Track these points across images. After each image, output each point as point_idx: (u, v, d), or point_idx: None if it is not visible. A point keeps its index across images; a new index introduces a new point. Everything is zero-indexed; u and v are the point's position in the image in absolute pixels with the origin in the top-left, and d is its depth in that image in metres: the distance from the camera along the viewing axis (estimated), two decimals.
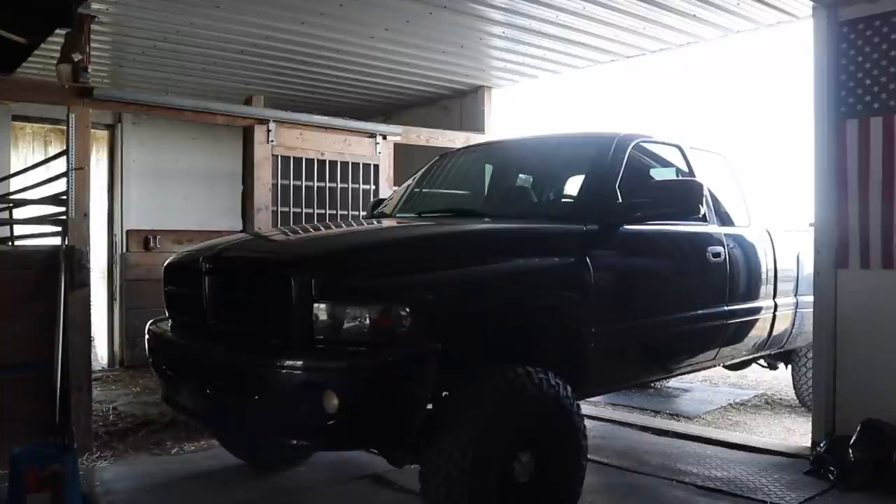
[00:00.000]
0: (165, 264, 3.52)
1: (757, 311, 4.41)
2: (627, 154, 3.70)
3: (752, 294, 4.39)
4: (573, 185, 4.04)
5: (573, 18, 5.00)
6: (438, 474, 2.60)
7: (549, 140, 4.51)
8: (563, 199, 4.07)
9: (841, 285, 4.03)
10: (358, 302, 2.57)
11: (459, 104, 7.12)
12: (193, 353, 3.12)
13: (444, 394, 2.75)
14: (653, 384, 6.17)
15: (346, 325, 2.55)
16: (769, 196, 4.99)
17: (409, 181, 4.61)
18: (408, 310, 2.55)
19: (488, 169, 4.64)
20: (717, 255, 4.04)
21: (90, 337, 4.40)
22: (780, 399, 5.80)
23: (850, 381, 3.97)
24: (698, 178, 3.84)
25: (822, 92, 4.07)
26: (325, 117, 5.47)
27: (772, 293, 4.57)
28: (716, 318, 4.04)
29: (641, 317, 3.54)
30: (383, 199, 4.74)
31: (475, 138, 6.48)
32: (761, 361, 5.43)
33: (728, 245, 4.13)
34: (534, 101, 7.34)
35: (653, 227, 3.61)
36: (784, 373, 6.69)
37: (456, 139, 6.32)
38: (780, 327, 4.66)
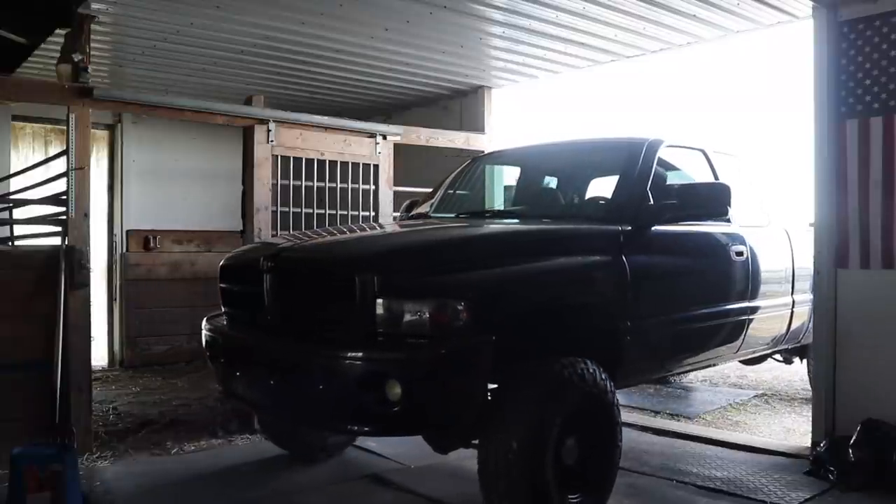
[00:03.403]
0: (221, 264, 3.70)
1: (776, 307, 4.61)
2: (656, 158, 3.88)
3: (772, 291, 4.58)
4: (604, 188, 4.20)
5: (573, 18, 4.99)
6: (500, 458, 2.78)
7: (580, 144, 4.75)
8: (596, 201, 4.21)
9: (841, 285, 4.03)
10: (418, 297, 2.73)
11: (459, 104, 7.11)
12: (257, 347, 3.27)
13: (494, 384, 2.92)
14: (657, 382, 6.21)
15: (406, 319, 2.72)
16: (784, 196, 5.18)
17: (444, 183, 4.82)
18: (464, 304, 2.71)
19: (519, 172, 4.89)
20: (739, 253, 4.24)
21: (90, 337, 4.40)
22: (780, 399, 5.80)
23: (850, 381, 3.97)
24: (724, 181, 3.96)
25: (822, 92, 4.07)
26: (325, 117, 5.46)
27: (790, 290, 4.76)
28: (739, 314, 4.24)
29: (671, 312, 3.73)
30: (417, 201, 4.93)
31: (475, 138, 6.49)
32: (777, 356, 5.58)
33: (750, 244, 4.33)
34: (534, 101, 7.33)
35: (681, 227, 3.80)
36: (784, 373, 6.74)
37: (456, 139, 6.32)
38: (797, 323, 4.82)
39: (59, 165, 4.42)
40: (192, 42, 5.33)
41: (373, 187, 5.56)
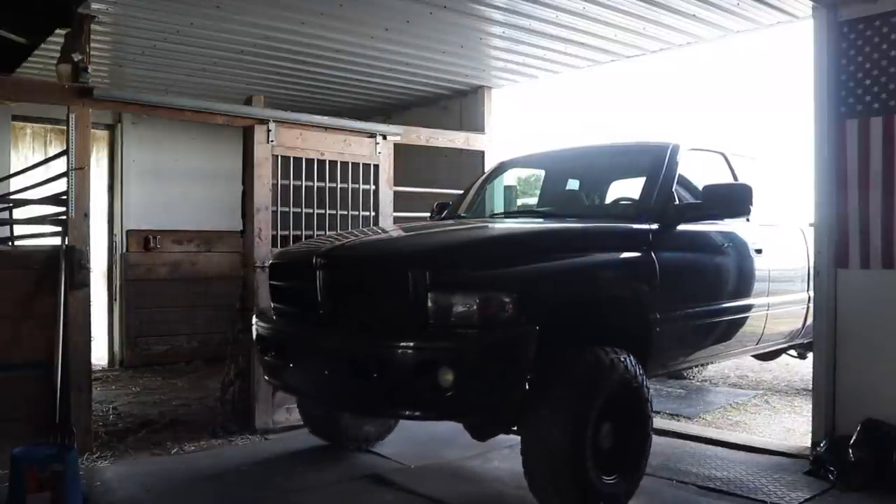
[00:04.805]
0: (270, 262, 3.97)
1: (793, 303, 4.82)
2: (680, 160, 4.12)
3: (790, 286, 4.80)
4: (629, 189, 4.45)
5: (573, 18, 4.99)
6: (543, 441, 3.02)
7: (605, 148, 5.03)
8: (625, 201, 4.38)
9: (841, 285, 4.04)
10: (467, 291, 2.93)
11: (459, 104, 7.11)
12: (311, 340, 3.44)
13: (535, 372, 3.05)
14: (664, 379, 6.32)
15: (456, 311, 2.91)
16: (795, 196, 5.33)
17: (473, 186, 5.12)
18: (509, 297, 2.92)
19: (546, 174, 5.19)
20: (759, 251, 4.51)
21: (90, 337, 4.39)
22: (780, 399, 5.80)
23: (850, 381, 3.97)
24: (746, 182, 4.09)
25: (822, 92, 4.07)
26: (325, 117, 5.45)
27: (806, 287, 4.94)
28: (759, 308, 4.50)
29: (696, 305, 3.98)
30: (447, 203, 5.16)
31: (475, 138, 6.49)
32: (792, 351, 5.77)
33: (768, 242, 4.59)
34: (534, 101, 7.35)
35: (704, 225, 4.07)
36: (784, 373, 6.75)
37: (456, 139, 6.31)
38: (812, 319, 4.90)
39: (59, 165, 4.41)
40: (192, 42, 5.33)
41: (373, 187, 5.56)
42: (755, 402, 5.71)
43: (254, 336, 3.91)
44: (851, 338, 3.98)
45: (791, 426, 4.98)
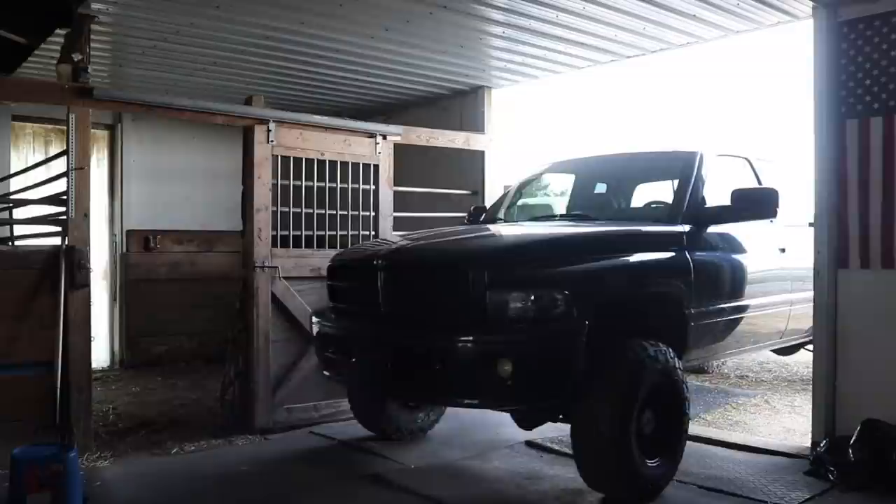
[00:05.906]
0: (329, 264, 4.23)
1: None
2: (709, 166, 4.40)
3: (810, 284, 4.89)
4: (656, 193, 4.75)
5: (573, 18, 4.99)
6: (592, 428, 3.25)
7: (637, 155, 5.27)
8: (659, 205, 4.57)
9: (841, 285, 4.04)
10: (523, 289, 3.19)
11: (459, 104, 7.10)
12: (375, 336, 3.63)
13: (585, 364, 3.26)
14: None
15: (513, 308, 3.17)
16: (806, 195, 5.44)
17: (509, 192, 5.39)
18: (562, 294, 3.18)
19: (577, 179, 5.44)
20: (782, 250, 4.83)
21: (90, 337, 4.39)
22: (780, 399, 5.80)
23: (850, 380, 3.97)
24: (772, 185, 4.29)
25: (822, 92, 4.08)
26: (325, 117, 5.45)
27: None
28: (783, 304, 4.83)
29: (726, 301, 4.26)
30: (483, 207, 5.49)
31: (475, 138, 6.49)
32: (809, 347, 5.80)
33: (791, 242, 4.86)
34: (534, 101, 7.35)
35: (733, 226, 4.30)
36: (784, 373, 6.74)
37: (456, 139, 6.31)
38: None
39: (59, 165, 4.42)
40: (192, 42, 5.33)
41: (373, 187, 5.56)
42: (755, 402, 5.70)
43: (313, 333, 4.18)
44: (851, 338, 3.99)
45: (791, 426, 4.98)
